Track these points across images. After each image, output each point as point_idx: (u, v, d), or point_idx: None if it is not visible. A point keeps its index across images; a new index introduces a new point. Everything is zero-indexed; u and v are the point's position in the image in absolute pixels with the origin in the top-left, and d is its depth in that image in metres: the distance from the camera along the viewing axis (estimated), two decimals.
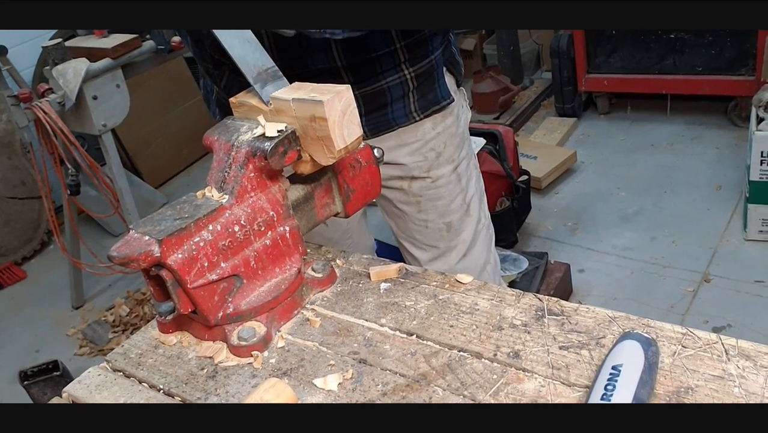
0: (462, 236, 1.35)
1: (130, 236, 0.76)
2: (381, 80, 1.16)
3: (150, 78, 3.81)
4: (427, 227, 1.32)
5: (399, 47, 1.13)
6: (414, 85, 1.19)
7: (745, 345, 0.67)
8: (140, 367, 0.82)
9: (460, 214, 1.33)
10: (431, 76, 1.21)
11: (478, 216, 1.37)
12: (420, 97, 1.21)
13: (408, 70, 1.17)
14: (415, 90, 1.20)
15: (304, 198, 0.88)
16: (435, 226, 1.32)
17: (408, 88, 1.19)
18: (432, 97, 1.22)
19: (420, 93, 1.21)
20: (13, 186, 3.53)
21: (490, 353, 0.72)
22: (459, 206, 1.32)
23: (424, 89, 1.21)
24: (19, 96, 2.22)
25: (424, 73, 1.20)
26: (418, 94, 1.21)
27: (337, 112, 0.76)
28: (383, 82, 1.16)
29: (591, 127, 3.70)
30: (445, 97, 1.24)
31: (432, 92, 1.22)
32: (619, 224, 2.88)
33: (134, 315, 2.97)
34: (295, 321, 0.84)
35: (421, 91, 1.21)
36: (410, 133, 1.24)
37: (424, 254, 1.36)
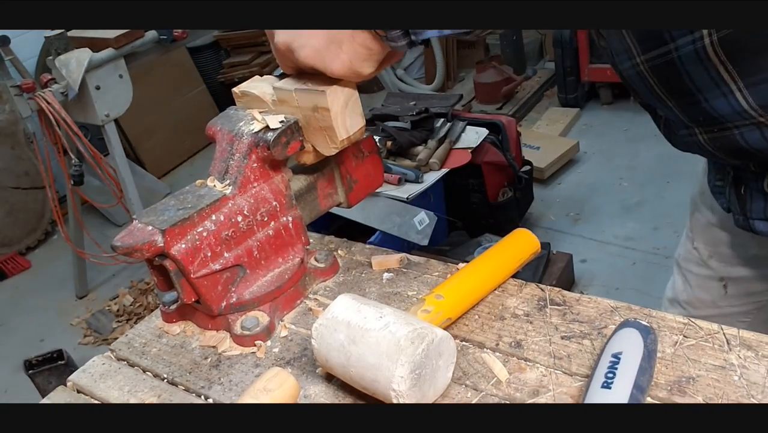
0: None
1: (133, 225, 0.77)
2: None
3: (153, 68, 3.81)
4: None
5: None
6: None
7: (746, 335, 0.67)
8: (144, 356, 0.83)
9: None
10: None
11: None
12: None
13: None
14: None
15: (306, 188, 0.88)
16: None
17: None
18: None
19: None
20: (17, 176, 3.54)
21: (493, 343, 0.73)
22: None
23: None
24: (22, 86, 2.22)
25: None
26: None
27: (340, 102, 0.76)
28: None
29: (594, 117, 3.69)
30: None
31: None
32: (622, 214, 2.88)
33: (138, 305, 2.98)
34: (298, 311, 0.85)
35: None
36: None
37: None
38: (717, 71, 0.69)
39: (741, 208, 0.86)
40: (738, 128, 0.74)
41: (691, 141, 0.82)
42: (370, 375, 0.63)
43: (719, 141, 0.78)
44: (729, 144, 0.76)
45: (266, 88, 0.84)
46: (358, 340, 0.64)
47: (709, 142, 0.79)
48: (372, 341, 0.63)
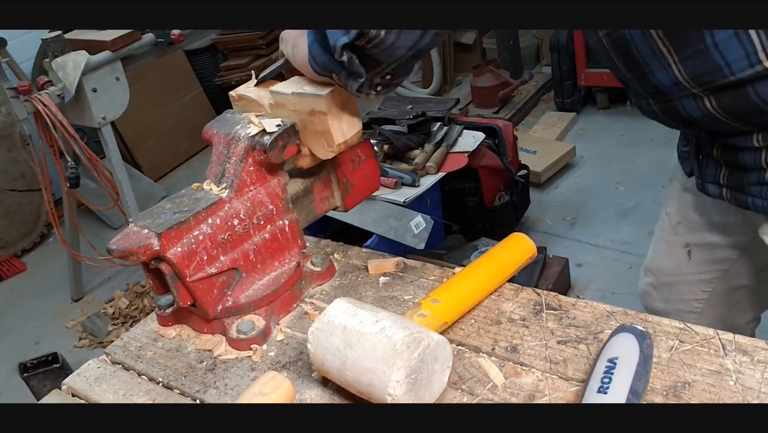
0: None
1: (129, 229, 0.77)
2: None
3: (149, 71, 3.81)
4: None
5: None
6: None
7: (742, 340, 0.67)
8: (139, 359, 0.82)
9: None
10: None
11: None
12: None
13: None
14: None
15: (303, 192, 0.88)
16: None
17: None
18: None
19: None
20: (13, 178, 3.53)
21: (489, 347, 0.73)
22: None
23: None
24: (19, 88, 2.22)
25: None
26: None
27: (337, 106, 0.76)
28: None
29: (590, 121, 3.70)
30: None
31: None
32: (618, 218, 2.88)
33: (134, 308, 2.97)
34: (294, 314, 0.84)
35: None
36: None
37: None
38: (657, 46, 0.78)
39: (699, 172, 0.95)
40: (679, 99, 0.83)
41: (650, 110, 0.91)
42: (366, 379, 0.63)
43: (668, 111, 0.87)
44: (675, 113, 0.86)
45: (263, 91, 0.84)
46: (354, 344, 0.64)
47: (660, 111, 0.89)
48: (368, 345, 0.63)
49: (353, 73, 0.69)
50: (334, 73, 0.71)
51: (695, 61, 0.76)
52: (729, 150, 0.86)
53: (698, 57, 0.75)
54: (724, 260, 1.10)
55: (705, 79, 0.77)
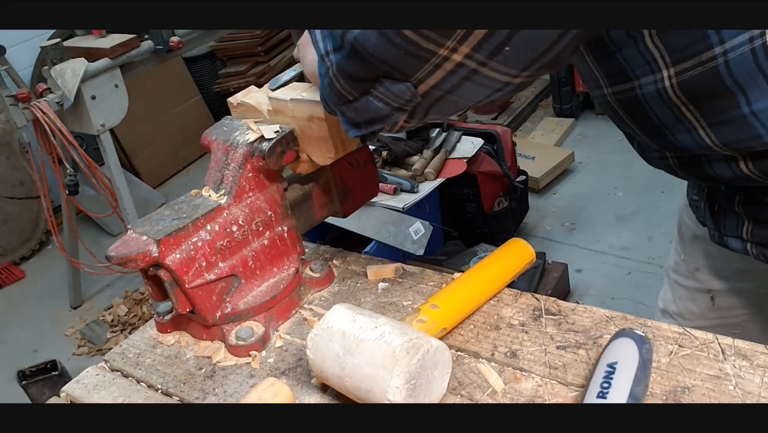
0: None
1: (128, 235, 0.76)
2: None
3: (148, 78, 3.81)
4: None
5: None
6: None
7: (741, 345, 0.67)
8: (138, 367, 0.82)
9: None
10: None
11: None
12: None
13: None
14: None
15: (302, 198, 0.88)
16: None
17: None
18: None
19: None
20: (12, 186, 3.53)
21: (488, 353, 0.73)
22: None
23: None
24: (18, 96, 2.22)
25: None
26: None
27: None
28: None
29: (588, 127, 3.70)
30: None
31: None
32: (617, 223, 2.88)
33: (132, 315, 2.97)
34: (293, 321, 0.84)
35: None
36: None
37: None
38: (680, 111, 0.69)
39: (715, 224, 0.87)
40: (707, 158, 0.74)
41: (663, 163, 0.83)
42: (365, 385, 0.63)
43: (689, 167, 0.78)
44: (698, 170, 0.77)
45: (262, 98, 0.84)
46: (353, 350, 0.64)
47: (679, 166, 0.80)
48: (367, 351, 0.63)
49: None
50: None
51: (728, 128, 0.68)
52: (756, 205, 0.78)
53: (731, 124, 0.68)
54: (751, 304, 1.04)
55: (741, 146, 0.69)
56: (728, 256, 0.98)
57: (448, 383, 0.68)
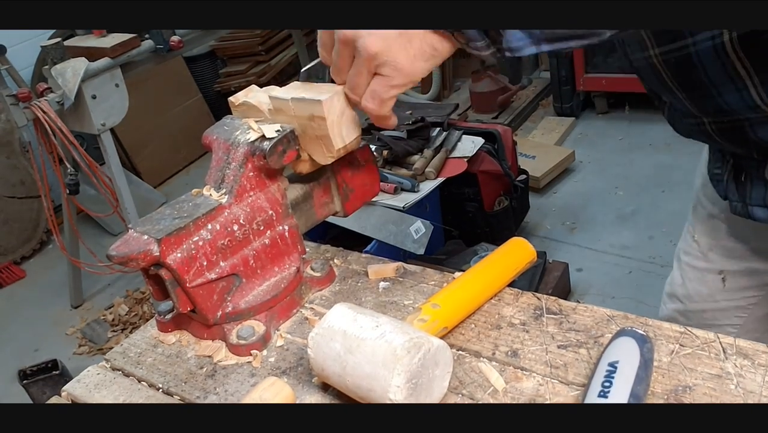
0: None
1: (129, 235, 0.76)
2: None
3: (149, 77, 3.82)
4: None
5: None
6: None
7: (742, 344, 0.67)
8: (139, 366, 0.82)
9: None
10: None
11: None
12: None
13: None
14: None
15: (303, 197, 0.88)
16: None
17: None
18: None
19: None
20: (12, 185, 3.53)
21: (489, 352, 0.73)
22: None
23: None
24: (18, 95, 2.22)
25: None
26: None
27: (336, 111, 0.76)
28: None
29: (589, 126, 3.70)
30: None
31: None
32: (617, 223, 2.88)
33: (133, 314, 2.97)
34: (294, 320, 0.84)
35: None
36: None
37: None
38: (734, 66, 0.70)
39: (740, 195, 0.87)
40: (749, 121, 0.75)
41: (697, 129, 0.83)
42: (366, 385, 0.63)
43: (728, 132, 0.79)
44: (738, 135, 0.77)
45: (262, 97, 0.84)
46: (354, 349, 0.64)
47: (717, 132, 0.80)
48: (368, 351, 0.63)
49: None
50: (464, 33, 0.64)
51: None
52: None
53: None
54: (763, 285, 1.05)
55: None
56: (743, 235, 1.00)
57: (449, 382, 0.67)
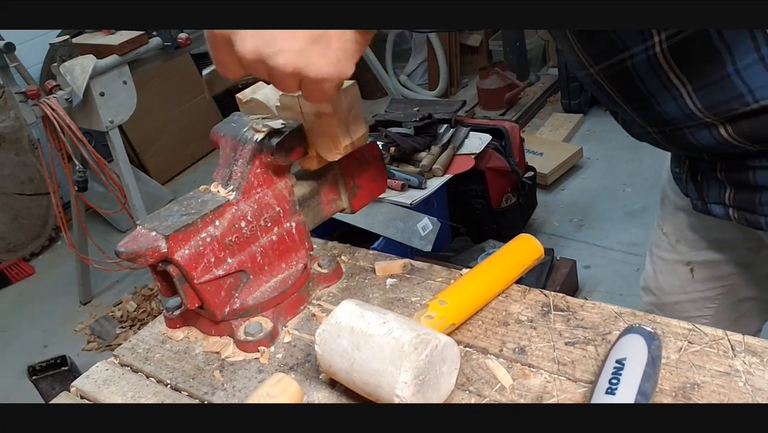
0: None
1: (137, 231, 0.77)
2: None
3: (157, 75, 3.83)
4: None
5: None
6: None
7: (751, 341, 0.67)
8: (148, 362, 0.83)
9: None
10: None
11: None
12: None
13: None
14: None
15: (310, 194, 0.88)
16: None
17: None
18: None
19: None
20: (21, 182, 3.55)
21: (496, 349, 0.73)
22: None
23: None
24: (27, 93, 2.23)
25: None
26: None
27: (343, 108, 0.76)
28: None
29: (597, 123, 3.69)
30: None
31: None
32: (625, 219, 2.87)
33: (141, 310, 2.98)
34: (302, 316, 0.84)
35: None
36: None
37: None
38: (667, 77, 0.74)
39: (699, 194, 0.91)
40: (688, 128, 0.78)
41: (647, 138, 0.88)
42: (373, 381, 0.63)
43: (672, 139, 0.83)
44: (681, 142, 0.81)
45: (270, 94, 0.84)
46: (361, 346, 0.64)
47: (663, 139, 0.84)
48: (375, 347, 0.63)
49: None
50: None
51: (711, 90, 0.71)
52: (737, 170, 0.82)
53: (716, 86, 0.71)
54: (727, 275, 1.08)
55: (722, 109, 0.73)
56: (707, 226, 1.04)
57: (457, 379, 0.67)
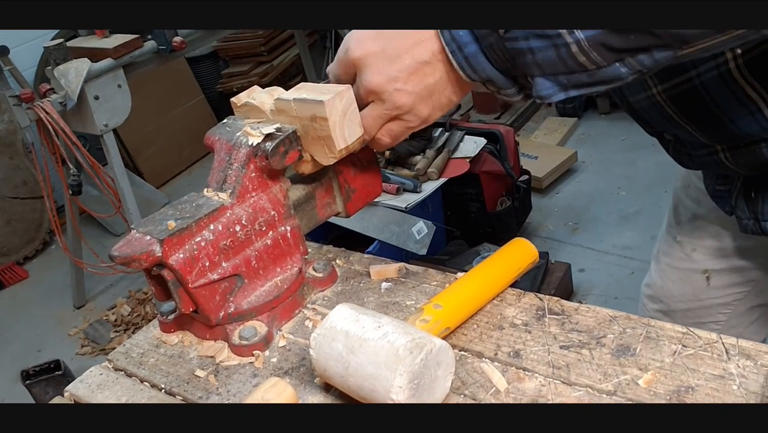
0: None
1: (131, 235, 0.77)
2: None
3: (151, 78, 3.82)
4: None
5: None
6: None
7: (745, 344, 0.67)
8: (142, 366, 0.82)
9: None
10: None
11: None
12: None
13: None
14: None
15: (305, 198, 0.88)
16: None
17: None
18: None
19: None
20: (15, 186, 3.54)
21: (491, 353, 0.73)
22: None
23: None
24: (21, 96, 2.22)
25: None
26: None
27: (338, 111, 0.76)
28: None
29: (591, 126, 3.70)
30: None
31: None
32: (620, 223, 2.88)
33: (136, 315, 2.97)
34: (296, 321, 0.84)
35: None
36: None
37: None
38: (744, 91, 0.70)
39: (752, 212, 0.86)
40: (765, 141, 0.74)
41: (710, 160, 0.83)
42: (368, 385, 0.63)
43: (743, 156, 0.78)
44: (753, 158, 0.77)
45: (265, 98, 0.84)
46: (356, 350, 0.64)
47: (731, 158, 0.80)
48: (370, 351, 0.63)
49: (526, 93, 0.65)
50: (494, 82, 0.65)
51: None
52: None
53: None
54: (746, 282, 1.06)
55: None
56: (728, 234, 1.01)
57: (452, 383, 0.67)
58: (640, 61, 0.58)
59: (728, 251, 1.04)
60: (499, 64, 0.63)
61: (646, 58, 0.57)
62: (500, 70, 0.63)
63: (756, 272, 1.04)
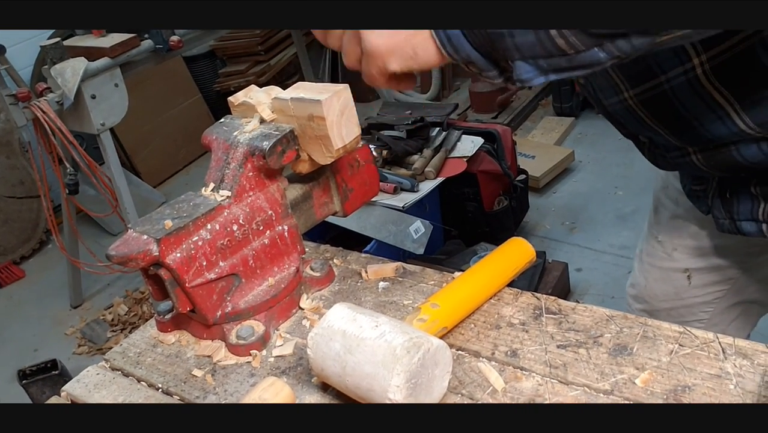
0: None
1: (128, 235, 0.76)
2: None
3: (148, 77, 3.81)
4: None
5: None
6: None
7: (742, 344, 0.67)
8: (139, 366, 0.82)
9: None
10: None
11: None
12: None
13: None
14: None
15: (302, 197, 0.88)
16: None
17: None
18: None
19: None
20: (12, 185, 3.53)
21: (488, 352, 0.73)
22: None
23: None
24: (18, 95, 2.22)
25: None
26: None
27: (336, 111, 0.76)
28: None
29: (589, 126, 3.70)
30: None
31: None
32: (617, 222, 2.88)
33: (133, 314, 2.97)
34: (294, 320, 0.84)
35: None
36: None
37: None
38: (711, 97, 0.71)
39: (727, 211, 0.88)
40: (735, 144, 0.75)
41: (683, 161, 0.84)
42: (365, 384, 0.63)
43: (714, 158, 0.79)
44: (724, 160, 0.78)
45: (262, 97, 0.84)
46: (353, 349, 0.64)
47: (703, 160, 0.81)
48: (368, 351, 0.63)
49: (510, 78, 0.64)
50: (475, 64, 0.64)
51: (762, 107, 0.69)
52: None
53: (767, 102, 0.69)
54: (727, 279, 1.07)
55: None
56: (707, 233, 1.02)
57: (449, 382, 0.68)
58: (618, 47, 0.58)
59: (707, 249, 1.05)
60: (480, 47, 0.63)
61: (624, 43, 0.57)
62: (481, 52, 0.63)
63: (734, 270, 1.06)
